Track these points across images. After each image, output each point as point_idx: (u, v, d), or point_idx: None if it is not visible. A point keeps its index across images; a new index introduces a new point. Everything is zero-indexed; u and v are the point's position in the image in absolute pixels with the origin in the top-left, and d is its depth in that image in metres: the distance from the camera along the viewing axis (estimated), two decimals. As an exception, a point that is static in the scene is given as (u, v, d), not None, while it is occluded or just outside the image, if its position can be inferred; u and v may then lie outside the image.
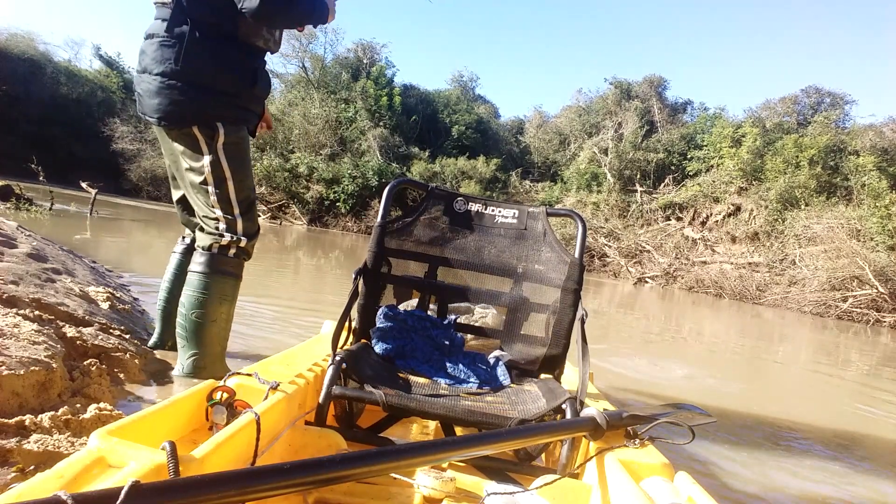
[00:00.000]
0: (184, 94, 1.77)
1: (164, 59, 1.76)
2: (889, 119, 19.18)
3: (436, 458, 0.80)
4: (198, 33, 1.76)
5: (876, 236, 13.76)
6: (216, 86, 1.80)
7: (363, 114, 22.98)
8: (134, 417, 0.77)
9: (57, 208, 8.88)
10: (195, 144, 1.83)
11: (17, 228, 3.90)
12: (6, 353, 1.40)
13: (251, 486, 0.60)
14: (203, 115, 1.80)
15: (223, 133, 1.83)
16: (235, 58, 1.83)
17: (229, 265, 1.92)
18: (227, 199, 1.89)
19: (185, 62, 1.75)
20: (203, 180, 1.86)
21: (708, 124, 22.73)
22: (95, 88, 27.45)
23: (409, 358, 1.48)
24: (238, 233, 1.92)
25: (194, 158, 1.85)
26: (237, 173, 1.89)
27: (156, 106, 1.79)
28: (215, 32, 1.78)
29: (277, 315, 3.49)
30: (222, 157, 1.85)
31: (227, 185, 1.88)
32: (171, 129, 1.84)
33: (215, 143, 1.83)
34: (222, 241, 1.89)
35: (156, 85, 1.77)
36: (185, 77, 1.76)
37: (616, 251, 18.38)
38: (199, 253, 1.92)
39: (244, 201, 1.93)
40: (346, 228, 20.35)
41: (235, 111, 1.87)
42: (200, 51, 1.76)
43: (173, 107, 1.78)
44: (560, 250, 1.55)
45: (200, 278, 1.88)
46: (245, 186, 1.93)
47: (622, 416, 1.11)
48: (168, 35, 1.75)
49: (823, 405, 3.45)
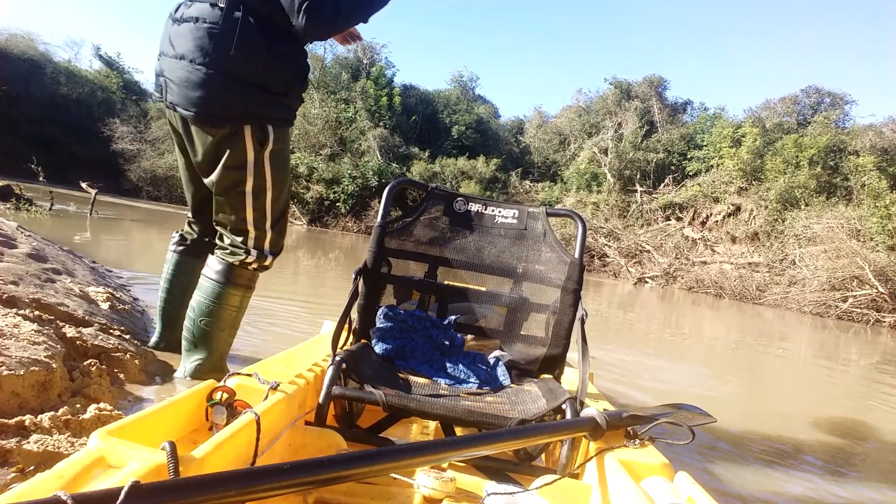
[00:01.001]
0: (232, 89, 1.62)
1: (212, 47, 1.59)
2: (889, 119, 19.19)
3: (436, 458, 0.80)
4: (252, 20, 1.60)
5: (876, 236, 13.76)
6: (268, 84, 1.67)
7: (363, 114, 22.98)
8: (134, 417, 0.77)
9: (57, 208, 8.88)
10: (238, 147, 1.69)
11: (17, 228, 3.90)
12: (6, 353, 1.40)
13: (251, 486, 0.60)
14: (253, 114, 1.67)
15: (273, 139, 1.71)
16: (288, 53, 1.69)
17: (245, 277, 1.87)
18: (262, 210, 1.79)
19: (238, 53, 1.59)
20: (240, 188, 1.73)
21: (708, 124, 22.73)
22: (95, 88, 27.43)
23: (409, 358, 1.48)
24: (265, 249, 1.84)
25: (234, 162, 1.70)
26: (278, 183, 1.78)
27: (195, 99, 1.61)
28: (269, 24, 1.63)
29: (277, 315, 3.49)
30: (267, 165, 1.73)
31: (265, 196, 1.77)
32: (208, 126, 1.67)
33: (264, 150, 1.71)
34: (247, 259, 1.82)
35: (198, 75, 1.60)
36: (235, 70, 1.61)
37: (616, 251, 18.37)
38: (216, 260, 1.84)
39: (278, 214, 1.84)
40: (346, 228, 20.35)
41: (284, 111, 1.75)
42: (254, 43, 1.61)
43: (218, 102, 1.63)
44: (560, 250, 1.55)
45: (214, 287, 1.83)
46: (283, 198, 1.84)
47: (622, 416, 1.11)
48: (218, 22, 1.59)
49: (824, 404, 3.45)
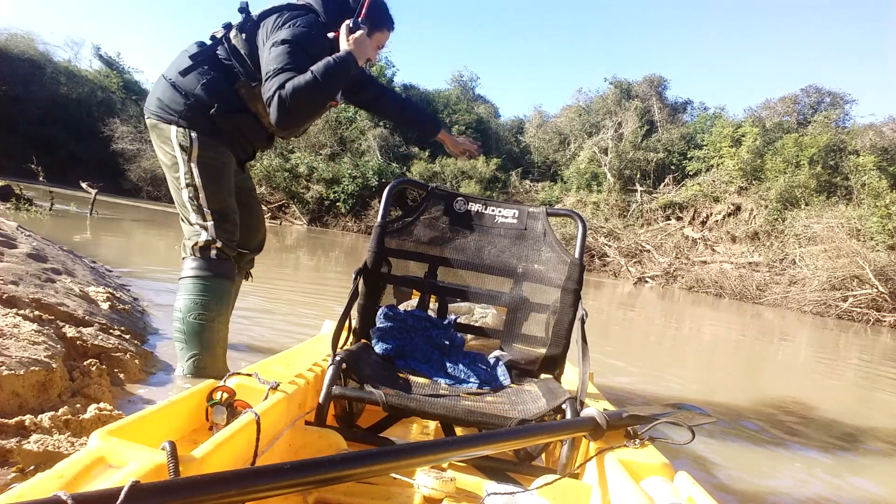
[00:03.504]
0: (165, 91, 1.91)
1: (176, 65, 1.93)
2: (889, 119, 19.17)
3: (436, 458, 0.80)
4: (212, 58, 1.91)
5: (876, 236, 13.76)
6: (194, 95, 1.90)
7: (363, 113, 22.97)
8: (134, 417, 0.77)
9: (57, 208, 8.88)
10: (168, 145, 1.92)
11: (17, 228, 3.90)
12: (6, 353, 1.40)
13: (251, 486, 0.60)
14: (176, 113, 1.90)
15: (198, 146, 1.90)
16: (224, 92, 1.93)
17: (216, 266, 1.93)
18: (198, 207, 1.93)
19: (188, 71, 1.89)
20: (176, 184, 1.94)
21: (708, 124, 22.73)
22: (95, 88, 27.45)
23: (409, 358, 1.48)
24: (211, 232, 1.94)
25: (167, 160, 1.96)
26: (210, 188, 1.94)
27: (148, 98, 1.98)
28: (224, 69, 1.92)
29: (277, 314, 3.49)
30: (194, 168, 1.91)
31: (199, 195, 1.93)
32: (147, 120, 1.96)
33: (190, 153, 1.90)
34: (199, 241, 1.92)
35: (159, 82, 1.95)
36: (176, 80, 1.90)
37: (616, 251, 18.37)
38: (188, 259, 1.94)
39: (217, 213, 1.96)
40: (346, 228, 20.35)
41: (208, 123, 1.92)
42: (205, 71, 1.90)
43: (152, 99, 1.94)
44: (560, 250, 1.55)
45: (194, 282, 1.90)
46: (218, 200, 1.97)
47: (622, 416, 1.11)
48: (192, 52, 1.91)
49: (825, 404, 3.45)
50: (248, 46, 1.89)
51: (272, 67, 1.73)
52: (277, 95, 1.69)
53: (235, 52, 1.90)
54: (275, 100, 1.70)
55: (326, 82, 1.72)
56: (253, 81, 1.90)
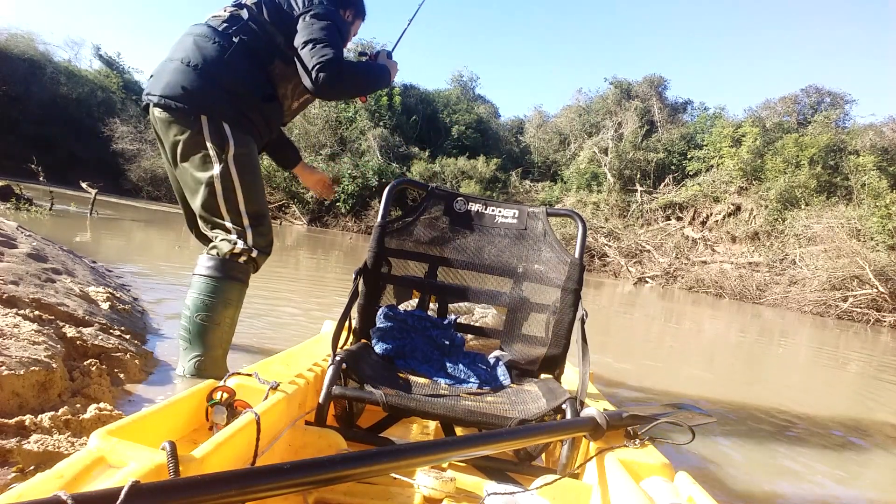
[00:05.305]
0: (196, 80, 1.77)
1: (197, 51, 1.78)
2: (889, 119, 19.16)
3: (436, 458, 0.80)
4: (239, 42, 1.81)
5: (876, 236, 13.75)
6: (230, 86, 1.81)
7: (363, 114, 22.96)
8: (134, 417, 0.77)
9: (57, 208, 8.88)
10: (199, 140, 1.80)
11: (17, 228, 3.90)
12: (6, 353, 1.40)
13: (251, 486, 0.60)
14: (209, 105, 1.78)
15: (234, 142, 1.81)
16: (257, 79, 1.87)
17: (237, 270, 1.89)
18: (236, 210, 1.86)
19: (214, 59, 1.78)
20: (210, 185, 1.83)
21: (708, 124, 22.71)
22: (95, 88, 27.43)
23: (409, 358, 1.48)
24: (249, 243, 1.89)
25: (197, 157, 1.83)
26: (246, 186, 1.86)
27: (162, 86, 1.77)
28: (251, 53, 1.84)
29: (277, 314, 3.49)
30: (232, 166, 1.82)
31: (235, 196, 1.85)
32: (166, 113, 1.79)
33: (226, 150, 1.80)
34: (235, 249, 1.86)
35: (171, 67, 1.79)
36: (203, 66, 1.77)
37: (616, 251, 18.37)
38: (207, 257, 1.89)
39: (254, 216, 1.90)
40: (346, 228, 20.34)
41: (241, 115, 1.84)
42: (235, 57, 1.81)
43: (179, 88, 1.76)
44: (560, 250, 1.55)
45: (208, 282, 1.85)
46: (255, 201, 1.90)
47: (622, 416, 1.11)
48: (210, 36, 1.81)
49: (825, 404, 3.45)
50: (279, 14, 1.84)
51: (321, 36, 1.77)
52: (333, 64, 1.76)
53: (264, 28, 1.83)
54: (329, 66, 1.75)
55: (369, 81, 1.96)
56: (287, 62, 1.84)
